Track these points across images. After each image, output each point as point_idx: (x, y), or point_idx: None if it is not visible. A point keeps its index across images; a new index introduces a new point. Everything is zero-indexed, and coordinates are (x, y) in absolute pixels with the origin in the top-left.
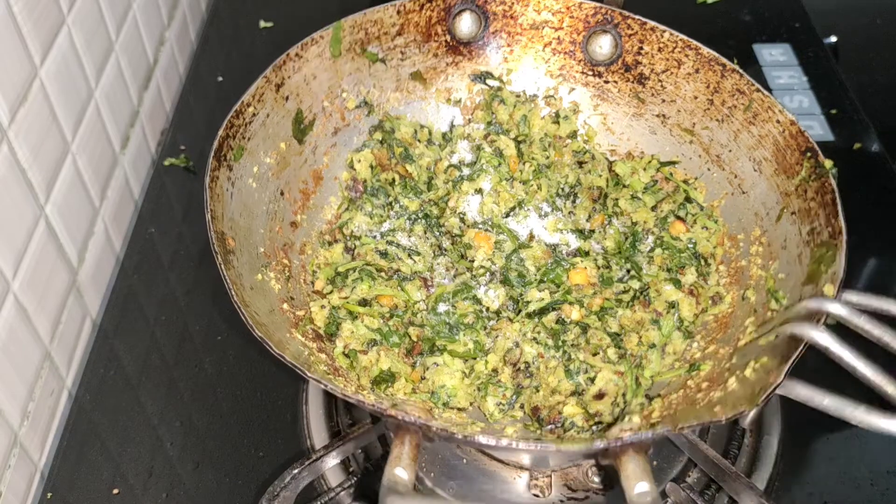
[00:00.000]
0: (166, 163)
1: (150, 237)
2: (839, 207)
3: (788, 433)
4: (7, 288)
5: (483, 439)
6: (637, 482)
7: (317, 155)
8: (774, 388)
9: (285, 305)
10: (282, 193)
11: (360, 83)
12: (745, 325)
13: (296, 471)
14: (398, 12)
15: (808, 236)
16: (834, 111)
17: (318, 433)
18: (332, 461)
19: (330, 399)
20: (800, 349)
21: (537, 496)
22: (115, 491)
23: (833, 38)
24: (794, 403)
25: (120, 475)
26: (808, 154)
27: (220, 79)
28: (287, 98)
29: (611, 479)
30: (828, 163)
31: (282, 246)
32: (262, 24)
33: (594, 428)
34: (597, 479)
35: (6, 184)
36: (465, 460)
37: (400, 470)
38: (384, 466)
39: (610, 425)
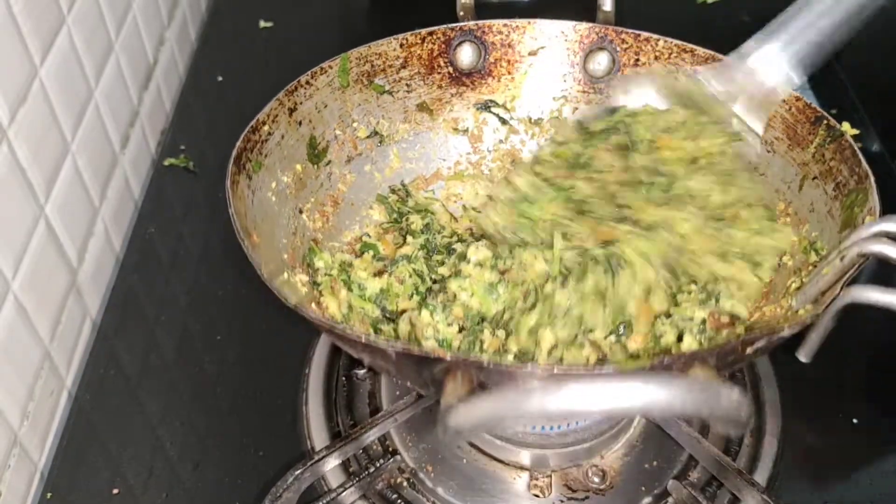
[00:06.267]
0: (166, 163)
1: (150, 237)
2: (860, 156)
3: (788, 433)
4: (7, 288)
5: (539, 370)
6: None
7: (332, 181)
8: (835, 299)
9: (314, 305)
10: (300, 211)
11: (370, 114)
12: (788, 284)
13: (298, 472)
14: (401, 45)
15: (834, 192)
16: (834, 111)
17: (318, 434)
18: (333, 462)
19: (330, 400)
20: (855, 268)
21: (537, 496)
22: (115, 491)
23: None
24: (795, 405)
25: (120, 475)
26: (819, 122)
27: (220, 79)
28: (300, 123)
29: (610, 480)
30: (845, 125)
31: (303, 257)
32: (262, 24)
33: None
34: (596, 480)
35: (6, 184)
36: (465, 460)
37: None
38: (440, 402)
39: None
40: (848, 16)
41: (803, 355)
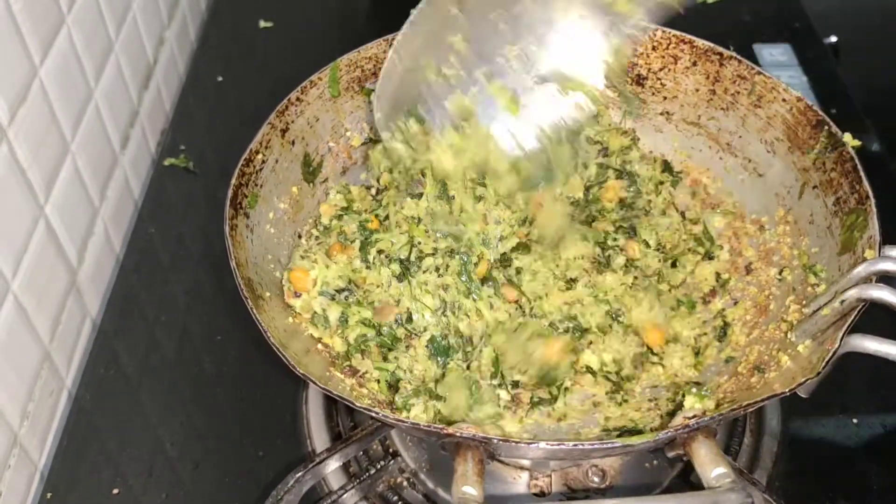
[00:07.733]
0: (166, 163)
1: (150, 237)
2: (861, 173)
3: (788, 433)
4: (7, 288)
5: (548, 445)
6: (714, 467)
7: (329, 197)
8: (834, 354)
9: (320, 345)
10: (299, 237)
11: (363, 120)
12: (787, 303)
13: (299, 474)
14: (391, 46)
15: (834, 206)
16: (834, 111)
17: (318, 435)
18: (334, 464)
19: (330, 401)
20: (856, 313)
21: (538, 496)
22: (115, 491)
23: (833, 38)
24: (795, 405)
25: (120, 475)
26: (820, 127)
27: (220, 79)
28: (293, 142)
29: (610, 479)
30: (847, 136)
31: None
32: (262, 24)
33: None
34: (596, 479)
35: (6, 184)
36: None
37: (468, 487)
38: (451, 483)
39: (667, 416)
40: None
41: (803, 392)
